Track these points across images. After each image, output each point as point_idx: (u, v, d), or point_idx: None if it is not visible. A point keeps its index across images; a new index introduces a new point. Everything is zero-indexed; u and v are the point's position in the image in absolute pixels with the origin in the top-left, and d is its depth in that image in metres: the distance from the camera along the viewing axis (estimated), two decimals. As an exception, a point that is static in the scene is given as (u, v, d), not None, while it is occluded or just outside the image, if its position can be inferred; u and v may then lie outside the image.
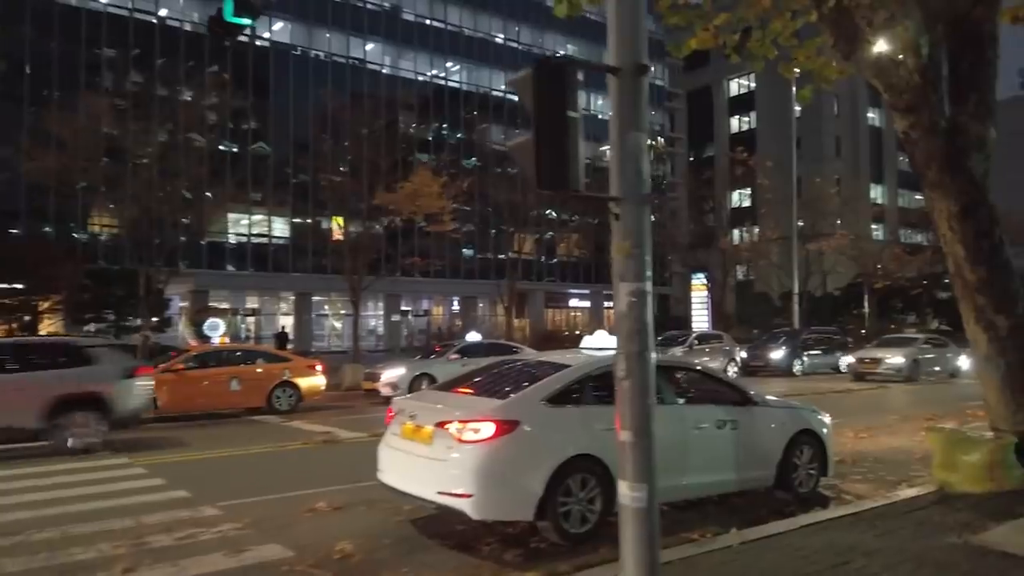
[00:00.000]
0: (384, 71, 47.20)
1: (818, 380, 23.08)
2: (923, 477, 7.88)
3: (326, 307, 47.28)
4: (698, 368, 7.73)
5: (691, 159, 75.12)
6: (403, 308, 49.06)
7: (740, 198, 69.19)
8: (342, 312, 47.12)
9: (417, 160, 38.34)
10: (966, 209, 6.92)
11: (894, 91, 6.97)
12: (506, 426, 5.68)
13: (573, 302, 57.03)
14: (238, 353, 15.97)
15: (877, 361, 23.19)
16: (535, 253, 52.98)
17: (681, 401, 6.79)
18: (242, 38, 44.02)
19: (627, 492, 4.19)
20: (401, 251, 40.54)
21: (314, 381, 15.78)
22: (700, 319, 38.99)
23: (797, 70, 8.30)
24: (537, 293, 53.32)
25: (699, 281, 39.19)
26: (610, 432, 6.02)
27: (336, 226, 35.86)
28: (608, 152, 4.56)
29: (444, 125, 49.64)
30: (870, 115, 71.07)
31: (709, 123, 76.26)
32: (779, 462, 7.13)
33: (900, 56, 6.82)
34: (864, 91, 70.35)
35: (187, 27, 41.31)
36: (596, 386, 6.25)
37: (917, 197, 74.24)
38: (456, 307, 51.91)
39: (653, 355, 4.34)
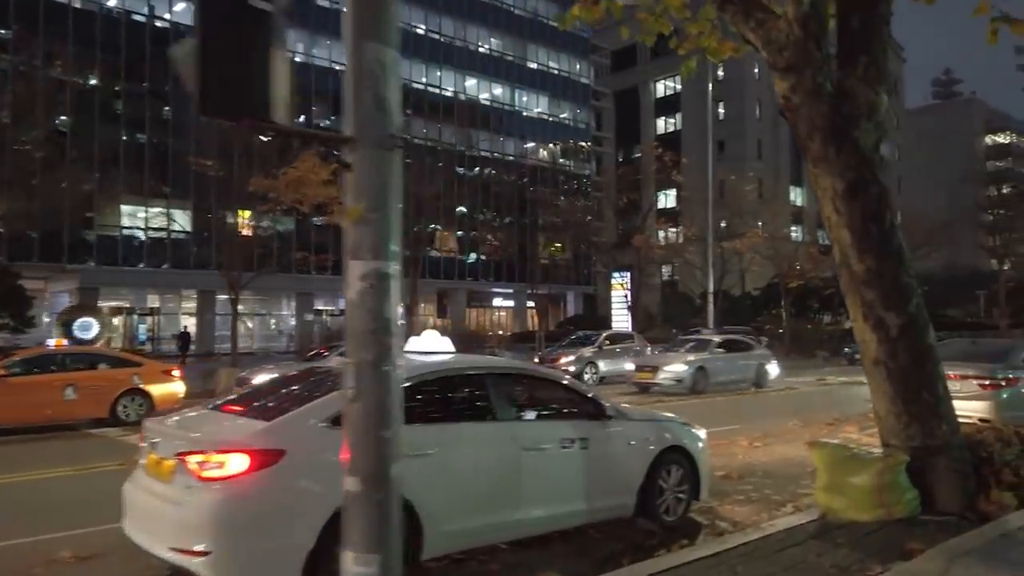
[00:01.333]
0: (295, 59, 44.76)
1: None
2: (811, 496, 6.89)
3: (240, 306, 44.63)
4: (541, 375, 6.46)
5: (620, 159, 75.12)
6: (317, 307, 46.89)
7: (665, 198, 69.69)
8: (256, 312, 44.70)
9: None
10: (854, 187, 5.91)
11: (772, 47, 5.91)
12: (265, 457, 4.30)
13: (497, 301, 55.91)
14: (75, 356, 13.99)
15: (655, 370, 18.64)
16: (457, 251, 51.72)
17: (517, 417, 5.53)
18: (138, 18, 41.17)
19: (351, 567, 2.88)
20: (296, 245, 38.27)
21: (169, 388, 13.99)
22: (620, 319, 38.35)
23: (687, 48, 7.20)
24: (459, 292, 51.98)
25: (619, 280, 38.48)
26: (422, 460, 4.81)
27: (241, 219, 33.73)
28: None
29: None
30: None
31: (636, 124, 76.35)
32: (641, 486, 5.98)
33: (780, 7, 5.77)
34: (785, 95, 71.69)
35: (76, 3, 38.27)
36: (407, 401, 4.93)
37: (834, 200, 76.25)
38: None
39: (399, 365, 3.04)
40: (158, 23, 40.85)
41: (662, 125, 75.51)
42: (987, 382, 10.38)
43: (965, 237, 67.12)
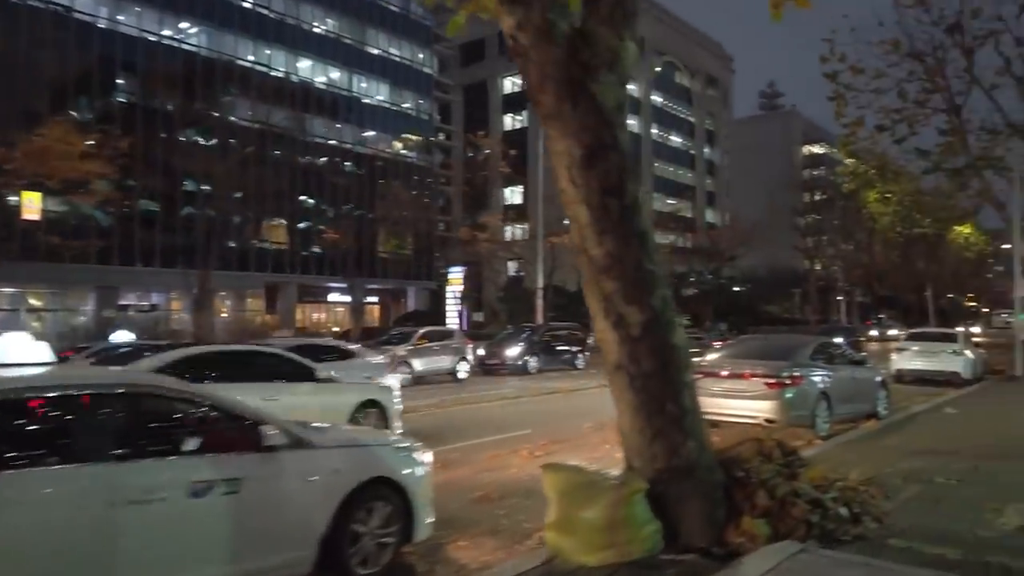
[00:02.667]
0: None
1: (553, 378, 21.79)
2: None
3: (33, 300, 39.03)
4: (169, 393, 4.47)
5: (470, 154, 74.22)
6: (123, 303, 42.08)
7: (511, 194, 69.72)
8: (49, 307, 39.32)
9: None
10: (592, 153, 4.81)
11: (494, -31, 4.68)
12: None
13: (333, 296, 53.06)
14: None
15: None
16: (288, 242, 48.39)
17: (119, 456, 3.91)
18: None
19: None
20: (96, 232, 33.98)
21: None
22: (454, 314, 37.23)
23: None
24: (290, 286, 48.72)
25: (455, 275, 37.34)
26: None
27: (28, 201, 29.19)
28: None
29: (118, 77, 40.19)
30: (630, 121, 74.16)
31: (485, 119, 75.82)
32: (325, 534, 4.56)
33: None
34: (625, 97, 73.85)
35: None
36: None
37: (670, 201, 79.75)
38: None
39: None
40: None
41: (509, 121, 75.50)
42: (773, 381, 9.93)
43: (785, 239, 72.37)
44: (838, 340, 13.90)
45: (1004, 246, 21.26)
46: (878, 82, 23.45)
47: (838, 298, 62.23)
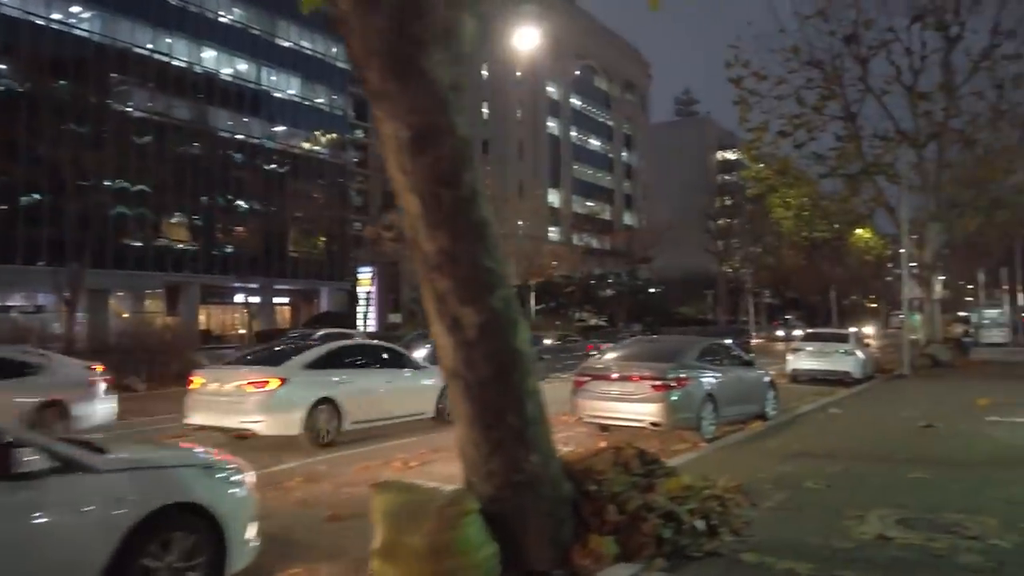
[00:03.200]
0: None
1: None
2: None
3: None
4: None
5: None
6: (7, 304, 39.12)
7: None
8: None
9: None
10: (422, 137, 4.32)
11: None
12: None
13: (240, 297, 50.96)
14: None
15: None
16: (191, 240, 46.16)
17: None
18: None
19: None
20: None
21: None
22: (364, 315, 36.18)
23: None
24: (192, 286, 46.48)
25: (364, 276, 36.25)
26: None
27: None
28: None
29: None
30: (550, 124, 75.06)
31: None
32: (106, 571, 3.90)
33: None
34: (545, 101, 74.26)
35: None
36: None
37: (589, 203, 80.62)
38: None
39: None
40: None
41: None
42: (658, 383, 9.73)
43: (699, 242, 74.23)
44: (727, 341, 13.89)
45: (902, 250, 22.10)
46: (780, 89, 24.08)
47: (754, 300, 64.28)
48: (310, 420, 9.75)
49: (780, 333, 54.88)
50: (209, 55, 47.16)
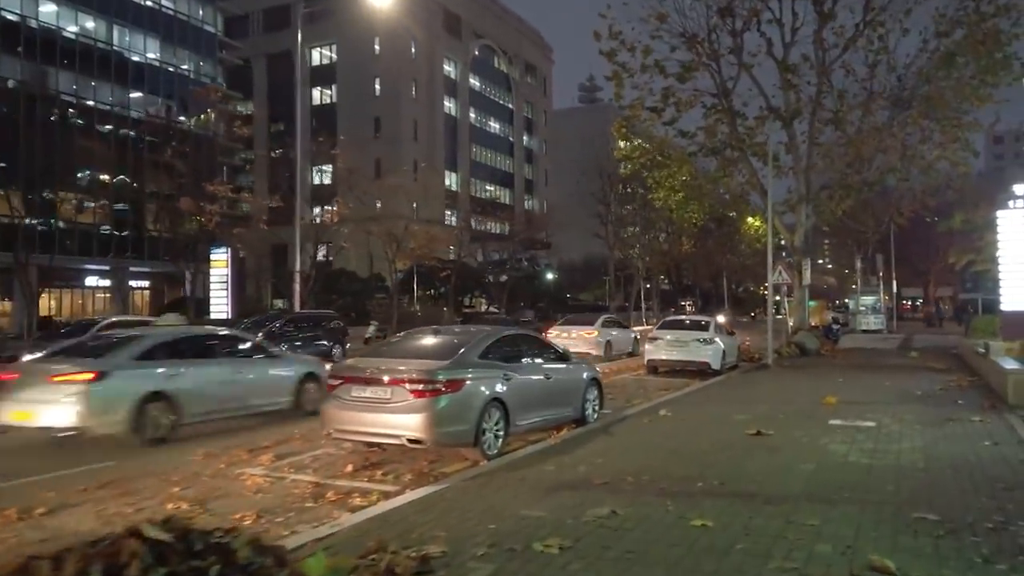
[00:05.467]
0: None
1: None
2: None
3: None
4: None
5: (281, 129, 68.21)
6: None
7: (321, 175, 64.71)
8: None
9: None
10: None
11: None
12: None
13: (91, 280, 46.04)
14: None
15: None
16: (24, 215, 40.91)
17: None
18: None
19: None
20: None
21: None
22: (219, 301, 32.66)
23: None
24: (30, 269, 41.28)
25: (219, 257, 32.69)
26: None
27: None
28: None
29: None
30: (447, 104, 72.23)
31: (291, 91, 70.18)
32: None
33: None
34: (441, 78, 71.36)
35: None
36: None
37: (488, 188, 78.45)
38: None
39: None
40: None
41: (318, 96, 70.43)
42: (419, 387, 7.50)
43: (596, 227, 73.33)
44: (531, 332, 11.90)
45: (768, 233, 20.79)
46: (648, 60, 22.46)
47: (647, 286, 63.77)
48: (139, 416, 9.01)
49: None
50: (48, 9, 41.93)
